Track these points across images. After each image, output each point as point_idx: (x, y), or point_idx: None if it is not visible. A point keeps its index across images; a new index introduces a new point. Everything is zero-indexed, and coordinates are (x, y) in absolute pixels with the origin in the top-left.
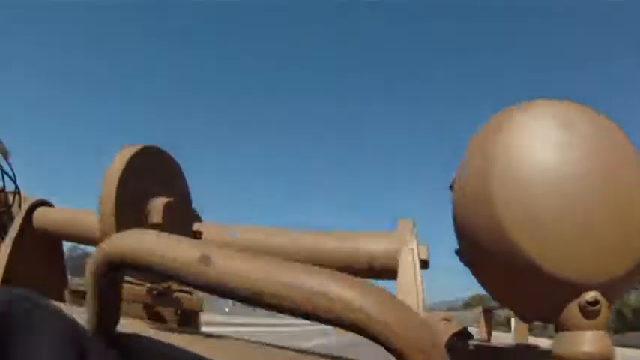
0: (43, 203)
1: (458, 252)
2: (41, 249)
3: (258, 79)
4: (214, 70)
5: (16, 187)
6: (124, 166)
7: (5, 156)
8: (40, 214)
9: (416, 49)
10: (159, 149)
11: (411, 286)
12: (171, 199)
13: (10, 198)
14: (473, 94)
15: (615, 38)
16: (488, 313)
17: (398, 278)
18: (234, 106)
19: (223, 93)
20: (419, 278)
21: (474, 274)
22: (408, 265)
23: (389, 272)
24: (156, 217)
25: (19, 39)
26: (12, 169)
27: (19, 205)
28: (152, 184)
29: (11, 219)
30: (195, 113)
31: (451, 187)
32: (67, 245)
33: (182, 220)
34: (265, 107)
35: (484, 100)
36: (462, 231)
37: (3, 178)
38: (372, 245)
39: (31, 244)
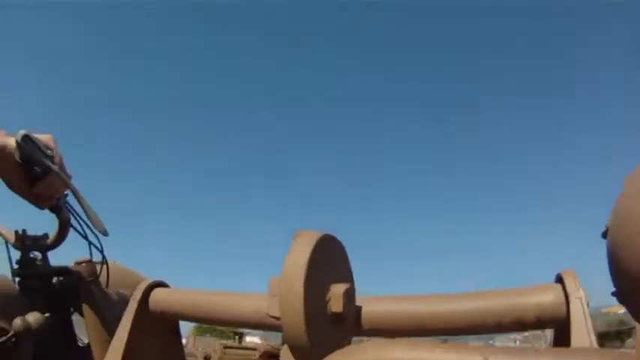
0: (159, 284)
1: (615, 293)
2: (159, 330)
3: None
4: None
5: (104, 257)
6: (308, 258)
7: (104, 234)
8: (157, 295)
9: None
10: (329, 235)
11: (584, 333)
12: (348, 285)
13: (98, 268)
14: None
15: (615, 39)
16: None
17: (572, 327)
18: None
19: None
20: (590, 324)
21: (631, 309)
22: (579, 314)
23: (556, 322)
24: (336, 305)
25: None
26: (100, 241)
27: (107, 275)
28: (328, 271)
29: (99, 288)
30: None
31: (604, 235)
32: None
33: (353, 301)
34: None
35: (484, 101)
36: (621, 272)
37: (90, 249)
38: (539, 298)
39: (149, 326)
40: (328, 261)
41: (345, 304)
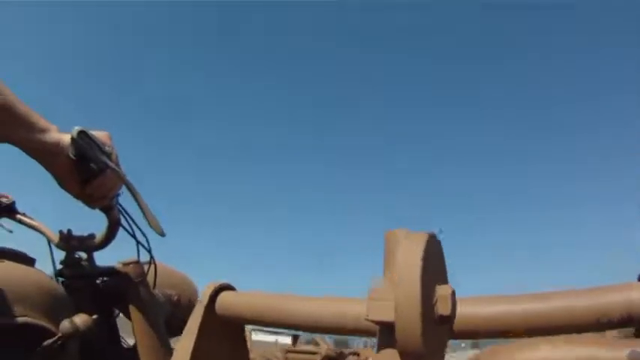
0: (226, 287)
1: None
2: (225, 334)
3: None
4: None
5: (152, 257)
6: (422, 259)
7: (161, 234)
8: (223, 299)
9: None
10: (433, 233)
11: None
12: (452, 287)
13: (145, 268)
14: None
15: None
16: None
17: None
18: None
19: None
20: None
21: None
22: None
23: None
24: (444, 307)
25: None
26: (148, 242)
27: (154, 276)
28: (432, 272)
29: (147, 289)
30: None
31: None
32: None
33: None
34: None
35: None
36: None
37: (138, 249)
38: (627, 295)
39: (215, 330)
40: (432, 261)
41: (452, 307)
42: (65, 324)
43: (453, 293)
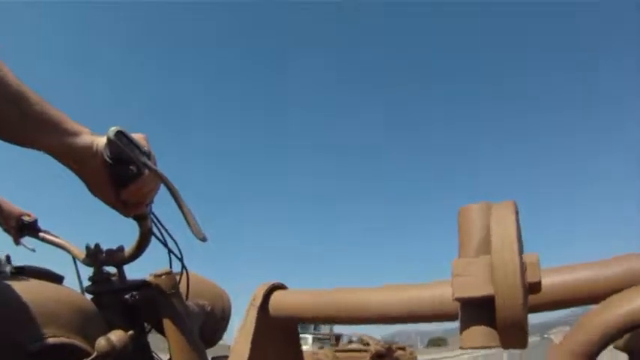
0: (278, 287)
1: None
2: (279, 335)
3: None
4: None
5: (184, 267)
6: (516, 228)
7: (203, 240)
8: (276, 298)
9: None
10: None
11: None
12: (537, 254)
13: (177, 278)
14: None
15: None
16: None
17: None
18: None
19: None
20: None
21: None
22: None
23: None
24: (533, 275)
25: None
26: (180, 250)
27: (187, 286)
28: (520, 240)
29: (180, 301)
30: None
31: None
32: None
33: None
34: None
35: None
36: None
37: (170, 258)
38: None
39: (269, 332)
40: (519, 230)
41: (540, 274)
42: (101, 342)
43: (538, 260)
